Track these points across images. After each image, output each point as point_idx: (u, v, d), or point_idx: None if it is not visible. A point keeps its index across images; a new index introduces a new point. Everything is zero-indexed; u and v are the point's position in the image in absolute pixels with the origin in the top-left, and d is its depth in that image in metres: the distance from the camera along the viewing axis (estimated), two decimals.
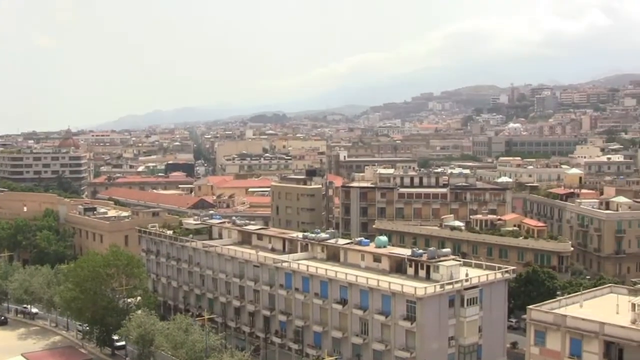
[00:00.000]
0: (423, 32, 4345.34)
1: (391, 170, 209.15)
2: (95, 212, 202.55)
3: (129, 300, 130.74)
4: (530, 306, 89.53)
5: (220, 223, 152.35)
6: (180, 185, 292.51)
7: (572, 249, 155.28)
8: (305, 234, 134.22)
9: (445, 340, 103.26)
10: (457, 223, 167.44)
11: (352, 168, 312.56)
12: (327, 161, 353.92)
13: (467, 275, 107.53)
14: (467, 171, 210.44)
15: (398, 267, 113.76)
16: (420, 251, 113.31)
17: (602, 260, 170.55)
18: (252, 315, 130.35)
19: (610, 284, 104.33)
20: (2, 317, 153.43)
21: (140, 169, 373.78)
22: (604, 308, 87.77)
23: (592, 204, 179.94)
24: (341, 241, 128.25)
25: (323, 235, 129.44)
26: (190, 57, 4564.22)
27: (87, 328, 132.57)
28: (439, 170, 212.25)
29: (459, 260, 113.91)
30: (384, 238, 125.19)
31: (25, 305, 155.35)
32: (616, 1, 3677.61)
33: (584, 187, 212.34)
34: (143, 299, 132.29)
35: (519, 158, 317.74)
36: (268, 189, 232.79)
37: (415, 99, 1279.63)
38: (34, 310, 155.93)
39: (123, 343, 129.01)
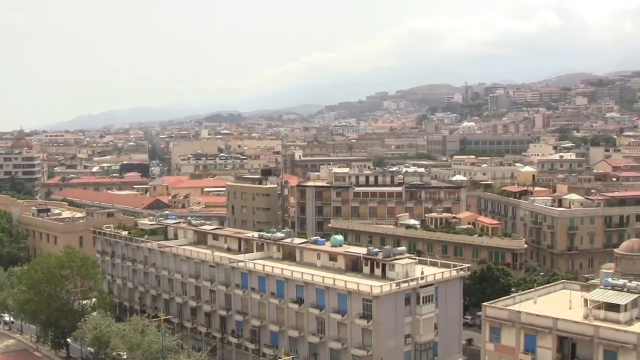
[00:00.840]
0: (377, 32, 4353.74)
1: (347, 170, 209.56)
2: (49, 213, 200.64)
3: (84, 302, 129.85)
4: (485, 303, 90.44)
5: (176, 223, 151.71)
6: (135, 186, 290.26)
7: (526, 246, 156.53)
8: (261, 233, 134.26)
9: (401, 338, 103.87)
10: (413, 222, 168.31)
11: (308, 167, 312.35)
12: (282, 161, 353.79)
13: (422, 273, 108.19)
14: (422, 170, 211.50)
15: (354, 266, 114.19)
16: (376, 250, 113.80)
17: (555, 257, 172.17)
18: (209, 315, 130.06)
19: (563, 281, 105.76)
20: None
21: (95, 169, 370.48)
22: (558, 304, 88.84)
23: (546, 202, 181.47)
24: (297, 241, 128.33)
25: (279, 234, 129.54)
26: (146, 57, 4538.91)
27: (42, 331, 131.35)
28: (394, 169, 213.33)
29: (415, 259, 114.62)
30: (339, 237, 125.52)
31: None
32: (567, 2, 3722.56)
33: (537, 185, 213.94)
34: (98, 300, 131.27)
35: (474, 157, 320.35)
36: (224, 189, 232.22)
37: (371, 99, 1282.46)
38: None
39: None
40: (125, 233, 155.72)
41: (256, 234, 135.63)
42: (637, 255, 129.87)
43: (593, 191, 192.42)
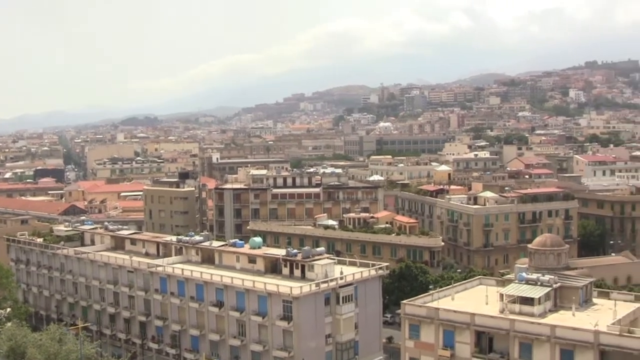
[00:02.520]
0: (292, 34, 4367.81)
1: (264, 171, 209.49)
2: None
3: None
4: (404, 301, 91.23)
5: (93, 229, 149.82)
6: (50, 192, 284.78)
7: (443, 243, 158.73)
8: (179, 237, 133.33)
9: (322, 338, 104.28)
10: (331, 222, 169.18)
11: (225, 170, 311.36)
12: (199, 163, 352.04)
13: (341, 273, 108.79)
14: (339, 170, 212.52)
15: (273, 267, 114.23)
16: (295, 251, 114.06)
17: (471, 253, 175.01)
18: (128, 321, 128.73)
19: (479, 276, 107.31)
20: None
21: (8, 175, 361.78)
22: (474, 299, 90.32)
23: (461, 200, 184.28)
24: (215, 243, 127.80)
25: (197, 238, 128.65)
26: (59, 59, 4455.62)
27: None
28: (312, 170, 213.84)
29: (334, 259, 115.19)
30: (258, 239, 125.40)
31: None
32: (478, 4, 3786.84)
33: (452, 183, 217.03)
34: (13, 310, 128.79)
35: (390, 156, 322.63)
36: (140, 193, 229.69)
37: (287, 100, 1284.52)
38: None
39: None
40: (40, 240, 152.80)
41: (174, 238, 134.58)
42: (550, 250, 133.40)
43: (506, 188, 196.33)
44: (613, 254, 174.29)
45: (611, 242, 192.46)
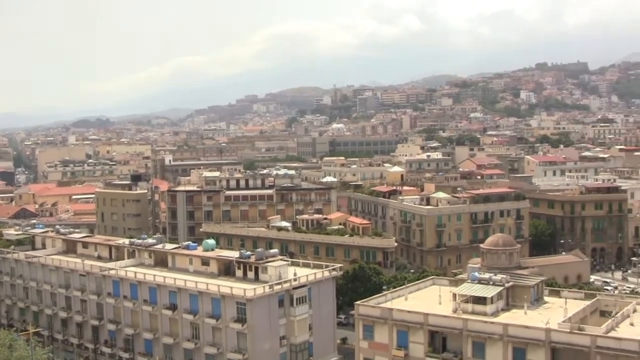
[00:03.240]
0: (244, 35, 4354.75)
1: (217, 173, 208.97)
2: None
3: None
4: (358, 302, 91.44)
5: (44, 232, 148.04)
6: None
7: (396, 244, 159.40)
8: (132, 240, 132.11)
9: (276, 339, 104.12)
10: (284, 223, 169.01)
11: (178, 172, 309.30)
12: (152, 166, 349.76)
13: (295, 274, 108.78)
14: (292, 172, 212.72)
15: (227, 269, 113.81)
16: (248, 253, 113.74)
17: (424, 253, 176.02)
18: (80, 326, 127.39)
19: (432, 276, 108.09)
20: None
21: None
22: (428, 299, 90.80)
23: (414, 201, 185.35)
24: (169, 246, 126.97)
25: (150, 240, 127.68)
26: (8, 59, 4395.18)
27: None
28: (265, 171, 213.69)
29: (287, 260, 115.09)
30: (211, 241, 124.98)
31: None
32: (429, 7, 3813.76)
33: (405, 184, 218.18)
34: None
35: (343, 158, 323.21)
36: (92, 196, 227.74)
37: (240, 102, 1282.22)
38: None
39: None
40: None
41: (127, 241, 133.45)
42: (502, 250, 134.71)
43: (459, 189, 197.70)
44: (563, 253, 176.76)
45: (562, 241, 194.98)
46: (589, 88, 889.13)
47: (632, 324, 78.13)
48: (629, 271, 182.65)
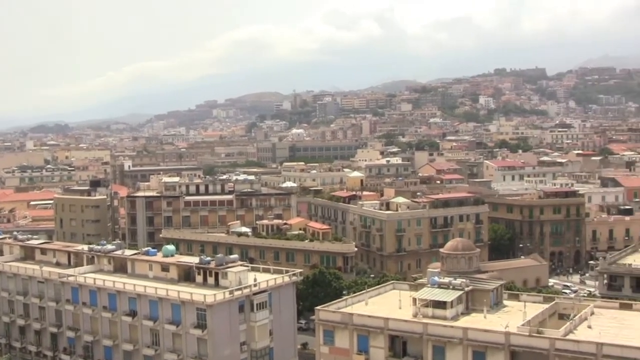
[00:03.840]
0: (204, 40, 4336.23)
1: (177, 179, 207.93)
2: None
3: None
4: (318, 307, 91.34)
5: (1, 239, 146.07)
6: None
7: (356, 249, 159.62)
8: (91, 246, 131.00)
9: (237, 345, 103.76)
10: (244, 229, 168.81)
11: (137, 177, 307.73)
12: (111, 171, 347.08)
13: (255, 280, 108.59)
14: (252, 177, 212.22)
15: (187, 275, 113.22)
16: (208, 258, 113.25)
17: (384, 258, 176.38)
18: (39, 333, 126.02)
19: (392, 281, 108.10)
20: None
21: None
22: (388, 304, 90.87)
23: (374, 206, 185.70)
24: (128, 252, 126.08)
25: (109, 246, 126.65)
26: None
27: None
28: (224, 177, 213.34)
29: (247, 266, 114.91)
30: (171, 247, 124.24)
31: None
32: (388, 12, 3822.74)
33: (365, 189, 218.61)
34: None
35: (303, 163, 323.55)
36: (51, 202, 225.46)
37: (200, 107, 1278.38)
38: None
39: None
40: None
41: (86, 247, 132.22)
42: (461, 254, 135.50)
43: (418, 194, 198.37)
44: (522, 257, 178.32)
45: (520, 245, 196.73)
46: (547, 93, 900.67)
47: (589, 327, 78.80)
48: (587, 274, 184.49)
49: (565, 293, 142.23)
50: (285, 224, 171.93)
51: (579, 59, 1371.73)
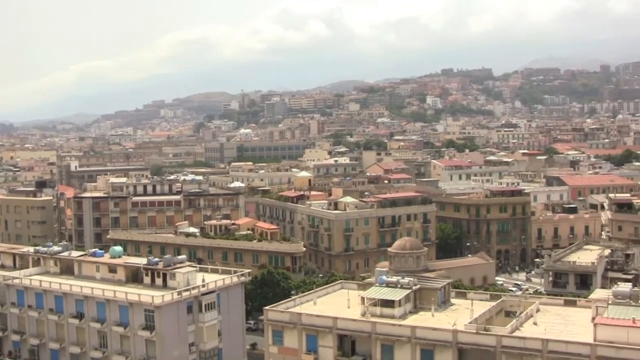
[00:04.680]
0: (151, 40, 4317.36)
1: (124, 179, 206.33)
2: None
3: None
4: (267, 307, 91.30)
5: None
6: None
7: (304, 249, 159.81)
8: (37, 248, 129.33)
9: (185, 346, 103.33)
10: (192, 229, 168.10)
11: (84, 178, 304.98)
12: (57, 172, 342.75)
13: (203, 280, 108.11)
14: (200, 177, 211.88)
15: (134, 276, 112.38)
16: (156, 259, 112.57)
17: (332, 258, 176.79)
18: None
19: (341, 281, 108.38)
20: None
21: None
22: (337, 303, 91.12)
23: (322, 205, 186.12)
24: (75, 253, 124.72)
25: (56, 248, 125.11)
26: None
27: None
28: (172, 177, 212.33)
29: (195, 267, 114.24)
30: (118, 248, 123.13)
31: None
32: (335, 13, 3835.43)
33: (313, 189, 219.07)
34: None
35: (251, 163, 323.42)
36: None
37: (147, 107, 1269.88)
38: None
39: None
40: None
41: (31, 249, 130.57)
42: (409, 253, 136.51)
43: (366, 193, 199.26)
44: (470, 256, 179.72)
45: (467, 244, 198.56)
46: (493, 93, 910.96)
47: (535, 324, 79.83)
48: (533, 272, 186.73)
49: (512, 291, 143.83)
50: (234, 224, 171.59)
51: (524, 60, 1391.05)
